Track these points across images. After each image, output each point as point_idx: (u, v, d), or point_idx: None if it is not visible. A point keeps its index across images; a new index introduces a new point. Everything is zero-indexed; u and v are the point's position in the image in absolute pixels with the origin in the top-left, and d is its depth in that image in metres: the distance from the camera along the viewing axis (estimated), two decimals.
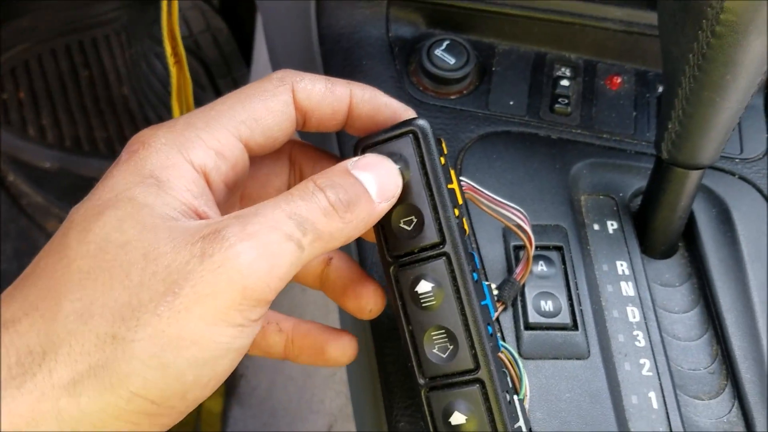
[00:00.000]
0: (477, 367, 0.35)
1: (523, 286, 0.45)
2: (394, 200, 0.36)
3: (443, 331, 0.36)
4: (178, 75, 0.48)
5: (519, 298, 0.44)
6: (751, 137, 0.54)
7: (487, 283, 0.39)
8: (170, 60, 0.46)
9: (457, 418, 0.35)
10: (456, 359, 0.35)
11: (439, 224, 0.36)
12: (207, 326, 0.30)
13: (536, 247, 0.46)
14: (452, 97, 0.53)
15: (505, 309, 0.44)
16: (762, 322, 0.45)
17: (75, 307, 0.29)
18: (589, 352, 0.43)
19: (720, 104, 0.41)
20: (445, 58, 0.53)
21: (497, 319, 0.44)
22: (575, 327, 0.43)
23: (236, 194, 0.39)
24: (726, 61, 0.39)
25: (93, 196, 0.33)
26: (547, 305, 0.44)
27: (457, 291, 0.36)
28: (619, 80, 0.54)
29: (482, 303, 0.37)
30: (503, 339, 0.43)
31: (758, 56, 0.39)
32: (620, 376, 0.43)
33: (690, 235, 0.49)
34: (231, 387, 0.85)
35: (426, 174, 0.36)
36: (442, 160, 0.37)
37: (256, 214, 0.31)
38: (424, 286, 0.36)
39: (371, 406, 0.46)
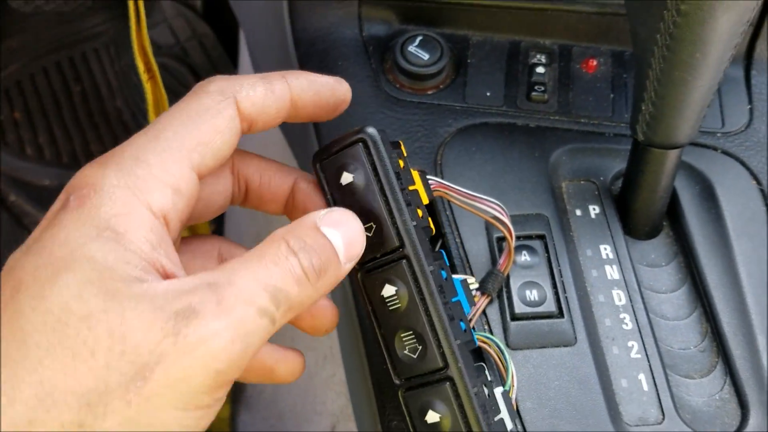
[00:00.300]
0: (446, 365, 0.36)
1: (508, 276, 0.45)
2: (356, 260, 0.35)
3: (411, 332, 0.36)
4: (153, 90, 0.48)
5: (504, 290, 0.45)
6: (733, 110, 0.53)
7: (462, 278, 0.39)
8: (143, 76, 0.46)
9: (432, 417, 0.36)
10: (425, 359, 0.36)
11: (397, 228, 0.37)
12: (176, 411, 0.28)
13: (518, 237, 0.46)
14: (429, 92, 0.53)
15: (491, 301, 0.44)
16: (750, 297, 0.45)
17: (35, 392, 0.27)
18: (575, 338, 0.43)
19: (692, 83, 0.40)
20: (419, 54, 0.53)
21: (484, 312, 0.44)
22: (561, 314, 0.44)
23: (200, 220, 0.39)
24: (694, 39, 0.38)
25: (42, 249, 0.29)
26: (532, 295, 0.44)
27: (420, 292, 0.36)
28: (595, 63, 0.54)
29: (453, 300, 0.37)
30: (490, 331, 0.44)
31: (727, 32, 0.38)
32: (609, 360, 0.43)
33: (674, 214, 0.49)
34: (238, 392, 0.85)
35: (379, 180, 0.37)
36: (401, 162, 0.38)
37: (231, 284, 0.30)
38: (388, 290, 0.37)
39: (366, 406, 0.46)
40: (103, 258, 0.29)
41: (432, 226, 0.38)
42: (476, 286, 0.43)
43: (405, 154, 0.39)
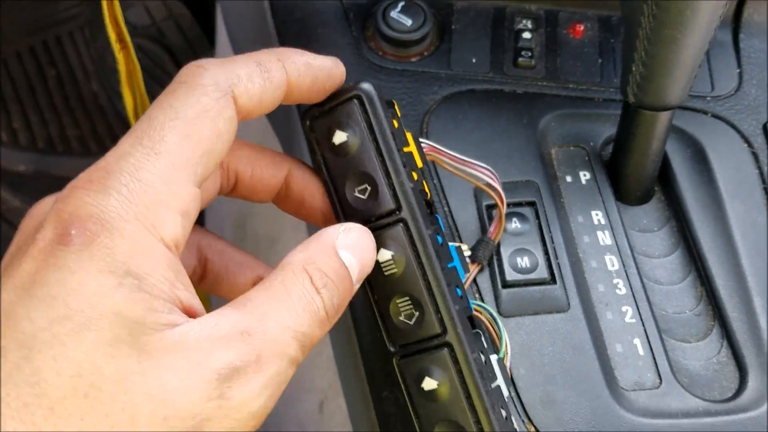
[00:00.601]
0: (444, 331, 0.34)
1: (499, 244, 0.44)
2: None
3: (407, 298, 0.35)
4: (126, 61, 0.46)
5: (495, 257, 0.44)
6: (722, 74, 0.53)
7: (456, 245, 0.38)
8: (116, 47, 0.45)
9: (429, 383, 0.34)
10: (423, 325, 0.35)
11: (393, 190, 0.35)
12: None
13: (509, 204, 0.45)
14: (413, 59, 0.52)
15: (482, 269, 0.43)
16: (745, 259, 0.45)
17: None
18: (569, 304, 0.42)
19: (682, 41, 0.40)
20: (402, 20, 0.51)
21: (474, 280, 0.43)
22: (553, 281, 0.43)
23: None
24: None
25: (53, 298, 0.26)
26: (524, 261, 0.43)
27: (418, 256, 0.35)
28: (581, 28, 0.53)
29: (449, 266, 0.36)
30: (482, 299, 0.43)
31: None
32: (603, 325, 0.42)
33: (665, 178, 0.48)
34: None
35: (375, 139, 0.35)
36: (396, 123, 0.36)
37: (264, 333, 0.29)
38: (384, 255, 0.35)
39: (356, 378, 0.45)
40: (131, 311, 0.27)
41: (427, 189, 0.37)
42: (469, 253, 0.42)
43: (399, 114, 0.37)
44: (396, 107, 0.38)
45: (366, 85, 0.36)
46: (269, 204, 0.40)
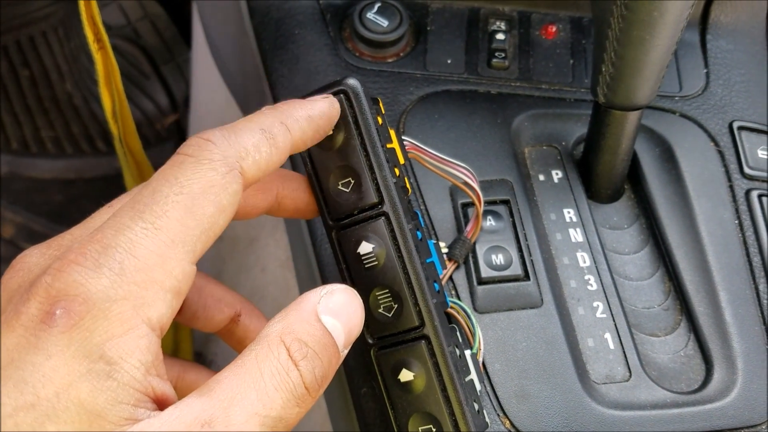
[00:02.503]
0: (422, 324, 0.35)
1: (475, 243, 0.45)
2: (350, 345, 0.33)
3: (387, 290, 0.36)
4: (104, 61, 0.47)
5: (470, 255, 0.44)
6: (690, 74, 0.54)
7: (434, 241, 0.39)
8: (93, 46, 0.45)
9: (406, 375, 0.35)
10: (401, 317, 0.36)
11: (377, 184, 0.36)
12: None
13: (484, 203, 0.46)
14: (389, 60, 0.53)
15: (458, 267, 0.44)
16: (711, 255, 0.46)
17: None
18: (542, 300, 0.43)
19: (650, 42, 0.41)
20: (378, 21, 0.52)
21: (451, 278, 0.44)
22: (527, 277, 0.44)
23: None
24: None
25: (23, 383, 0.26)
26: (498, 259, 0.44)
27: (398, 250, 0.36)
28: (554, 29, 0.54)
29: (427, 261, 0.37)
30: (458, 296, 0.43)
31: None
32: (575, 320, 0.43)
33: (635, 177, 0.50)
34: None
35: (360, 134, 0.36)
36: (380, 119, 0.37)
37: (228, 423, 0.27)
38: (365, 247, 0.36)
39: (335, 375, 0.46)
40: (93, 401, 0.26)
41: (408, 185, 0.38)
42: (446, 251, 0.43)
43: (383, 111, 0.38)
44: (381, 104, 0.38)
45: (352, 81, 0.36)
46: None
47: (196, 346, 0.81)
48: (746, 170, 0.49)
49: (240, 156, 0.31)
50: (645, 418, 0.40)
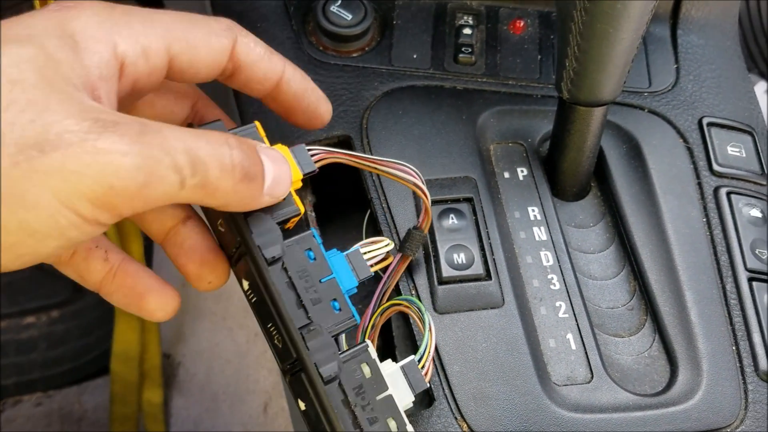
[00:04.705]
0: (298, 356, 0.34)
1: (435, 240, 0.43)
2: (273, 202, 0.35)
3: (272, 323, 0.35)
4: None
5: (432, 255, 0.43)
6: (660, 69, 0.53)
7: (349, 251, 0.38)
8: None
9: (301, 404, 0.35)
10: (286, 349, 0.35)
11: (237, 225, 0.35)
12: (53, 199, 0.28)
13: (446, 201, 0.45)
14: (354, 54, 0.52)
15: (411, 260, 0.42)
16: (678, 255, 0.45)
17: None
18: (503, 300, 0.42)
19: (614, 35, 0.40)
20: (342, 15, 0.51)
21: (412, 277, 0.43)
22: (488, 277, 0.43)
23: (131, 104, 0.38)
24: None
25: (4, 23, 0.30)
26: (460, 258, 0.43)
27: (265, 285, 0.35)
28: (522, 24, 0.53)
29: (323, 280, 0.35)
30: (418, 297, 0.42)
31: None
32: (537, 320, 0.42)
33: (602, 175, 0.49)
34: (170, 377, 0.83)
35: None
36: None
37: (159, 132, 0.30)
38: (245, 284, 0.36)
39: None
40: (54, 53, 0.30)
41: (300, 206, 0.36)
42: (390, 248, 0.41)
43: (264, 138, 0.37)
44: (259, 128, 0.37)
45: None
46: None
47: (164, 348, 0.80)
48: (715, 167, 0.48)
49: (241, 32, 0.37)
50: (606, 421, 0.39)
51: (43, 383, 0.98)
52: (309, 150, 0.38)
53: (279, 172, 0.35)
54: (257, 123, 0.38)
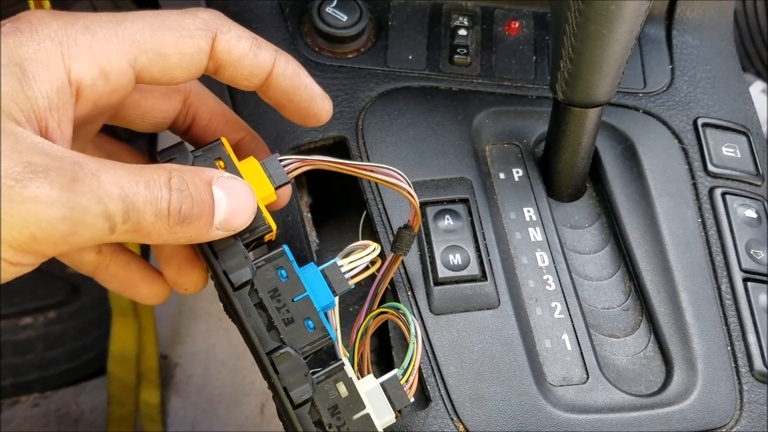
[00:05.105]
0: (267, 381, 0.34)
1: (431, 242, 0.43)
2: (230, 234, 0.34)
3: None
4: None
5: (428, 256, 0.43)
6: (654, 70, 0.53)
7: (325, 265, 0.37)
8: None
9: (278, 423, 0.35)
10: (261, 370, 0.35)
11: (205, 254, 0.35)
12: None
13: (442, 202, 0.45)
14: (349, 55, 0.52)
15: (402, 261, 0.42)
16: (672, 255, 0.45)
17: None
18: (499, 300, 0.42)
19: (608, 36, 0.40)
20: (337, 16, 0.51)
21: (408, 278, 0.43)
22: (484, 277, 0.43)
23: (107, 115, 0.37)
24: None
25: None
26: (456, 259, 0.43)
27: (234, 311, 0.35)
28: (517, 25, 0.53)
29: (296, 299, 0.35)
30: (414, 297, 0.42)
31: None
32: (532, 321, 0.42)
33: (597, 175, 0.49)
34: (167, 378, 0.83)
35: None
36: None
37: (95, 176, 0.30)
38: (223, 307, 0.36)
39: None
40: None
41: (271, 222, 0.36)
42: (377, 252, 0.40)
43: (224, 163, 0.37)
44: (226, 145, 0.37)
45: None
46: None
47: (161, 349, 0.80)
48: (710, 168, 0.49)
49: (221, 29, 0.35)
50: (602, 421, 0.40)
51: (40, 384, 0.98)
52: (282, 161, 0.37)
53: (235, 204, 0.34)
54: (223, 139, 0.37)
